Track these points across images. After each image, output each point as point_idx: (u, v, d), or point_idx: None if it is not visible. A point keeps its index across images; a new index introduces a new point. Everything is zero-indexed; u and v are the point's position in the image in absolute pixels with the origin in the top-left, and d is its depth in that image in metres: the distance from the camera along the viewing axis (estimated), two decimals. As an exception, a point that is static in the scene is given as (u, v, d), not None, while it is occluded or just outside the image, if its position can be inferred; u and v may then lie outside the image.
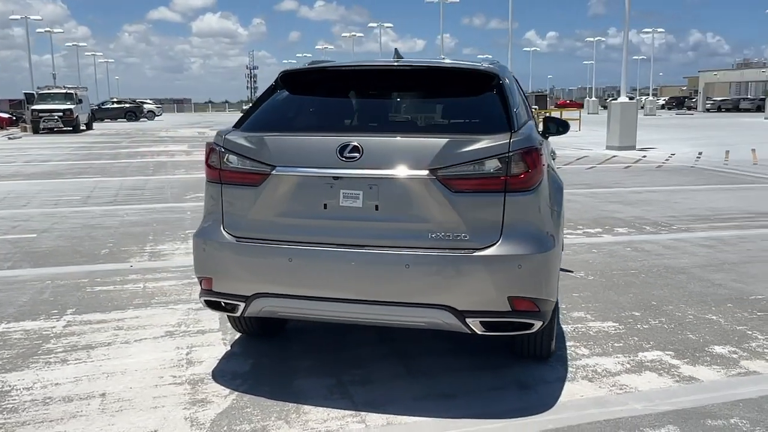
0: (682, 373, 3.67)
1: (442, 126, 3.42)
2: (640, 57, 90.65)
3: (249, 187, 3.26)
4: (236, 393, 3.41)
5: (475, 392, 3.43)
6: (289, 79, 3.69)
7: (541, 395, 3.40)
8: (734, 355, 3.93)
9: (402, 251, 3.03)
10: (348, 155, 3.05)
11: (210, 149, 3.39)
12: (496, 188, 3.00)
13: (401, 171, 3.02)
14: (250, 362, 3.81)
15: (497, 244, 3.00)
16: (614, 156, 17.60)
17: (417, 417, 3.16)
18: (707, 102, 69.41)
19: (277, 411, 3.21)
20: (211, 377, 3.61)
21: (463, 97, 3.46)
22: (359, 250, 3.07)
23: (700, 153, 17.95)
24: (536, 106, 32.42)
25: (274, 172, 3.17)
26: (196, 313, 4.68)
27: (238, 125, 3.49)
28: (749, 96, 68.86)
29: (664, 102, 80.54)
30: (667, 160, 16.47)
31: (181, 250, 6.69)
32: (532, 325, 3.09)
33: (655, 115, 53.95)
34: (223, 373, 3.65)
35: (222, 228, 3.33)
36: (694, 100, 78.44)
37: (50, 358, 3.90)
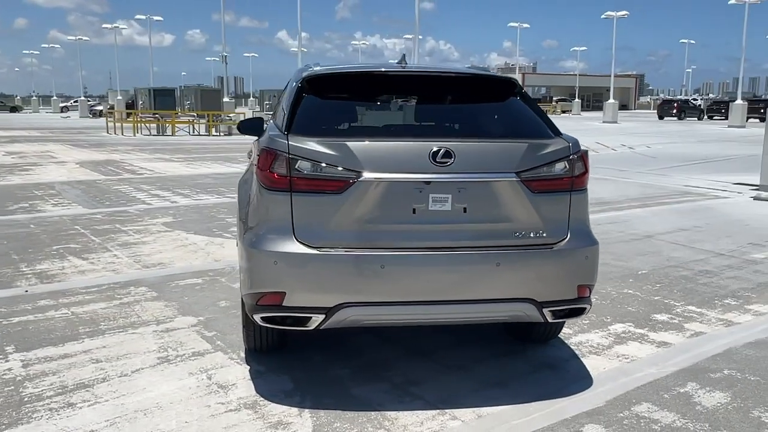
0: (654, 340, 4.33)
1: (503, 130, 3.58)
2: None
3: (329, 194, 3.14)
4: (307, 410, 3.28)
5: (518, 378, 3.71)
6: (323, 83, 3.60)
7: (572, 373, 3.79)
8: (675, 321, 4.71)
9: (491, 251, 3.19)
10: (440, 160, 3.12)
11: (272, 155, 3.19)
12: (565, 188, 3.32)
13: (490, 174, 3.18)
14: (286, 378, 3.65)
15: (567, 239, 3.32)
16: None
17: (492, 407, 3.35)
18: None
19: (365, 421, 3.18)
20: (264, 398, 3.40)
21: (499, 102, 3.68)
22: (451, 252, 3.17)
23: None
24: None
25: (360, 178, 3.11)
26: (168, 335, 4.28)
27: (287, 130, 3.31)
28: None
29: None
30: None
31: (71, 268, 5.92)
32: (585, 309, 3.46)
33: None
34: (272, 393, 3.46)
35: (294, 238, 3.17)
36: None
37: (49, 404, 3.33)
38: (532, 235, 3.26)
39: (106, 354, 3.96)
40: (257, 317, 3.30)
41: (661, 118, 50.95)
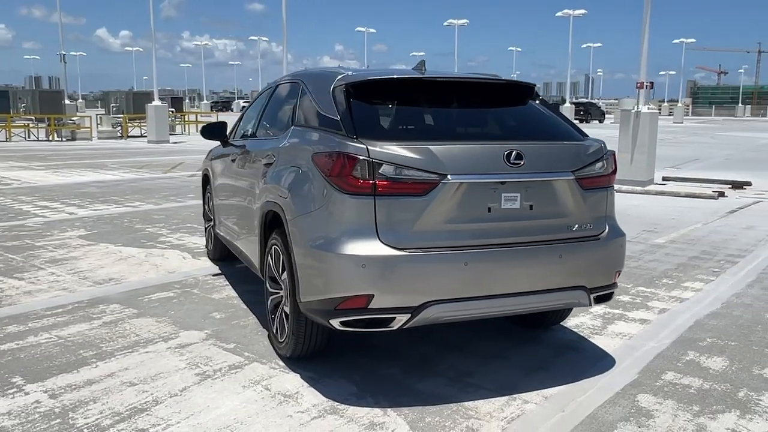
0: (634, 318, 4.87)
1: (549, 132, 3.81)
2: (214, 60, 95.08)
3: (413, 197, 3.23)
4: (389, 409, 3.35)
5: (552, 361, 4.03)
6: (369, 89, 3.66)
7: (592, 353, 4.19)
8: (637, 300, 5.31)
9: (554, 244, 3.47)
10: (513, 161, 3.34)
11: (352, 160, 3.21)
12: (604, 185, 3.68)
13: (552, 173, 3.46)
14: (344, 381, 3.67)
15: (606, 230, 3.69)
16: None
17: (550, 389, 3.62)
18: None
19: (451, 412, 3.31)
20: (339, 403, 3.41)
21: (530, 106, 3.95)
22: (521, 247, 3.40)
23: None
24: (173, 109, 31.75)
25: (444, 180, 3.24)
26: (187, 351, 4.09)
27: (353, 134, 3.34)
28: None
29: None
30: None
31: (12, 290, 5.37)
32: (614, 292, 3.86)
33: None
34: (343, 397, 3.47)
35: (379, 241, 3.22)
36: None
37: (125, 427, 3.10)
38: (583, 228, 3.58)
39: (136, 376, 3.71)
40: (335, 322, 3.31)
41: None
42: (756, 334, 4.53)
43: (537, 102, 4.00)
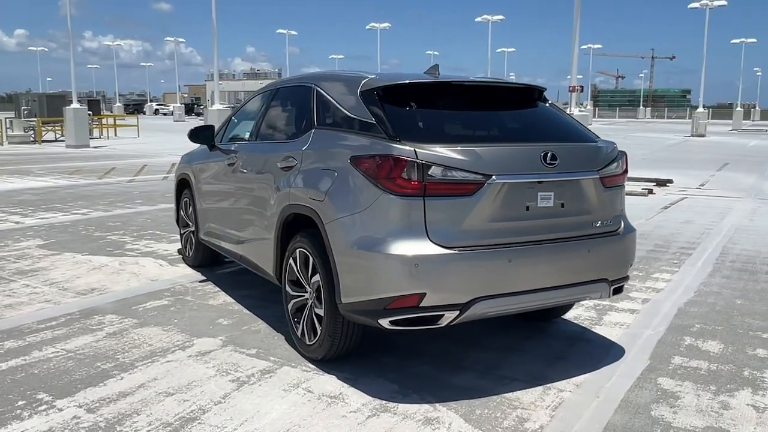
0: (623, 308, 5.18)
1: (569, 134, 3.98)
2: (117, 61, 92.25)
3: (461, 197, 3.34)
4: (437, 404, 3.43)
5: (567, 352, 4.25)
6: (401, 92, 3.74)
7: (600, 342, 4.44)
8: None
9: (582, 240, 3.67)
10: (550, 162, 3.51)
11: (402, 162, 3.28)
12: (619, 183, 3.92)
13: (580, 173, 3.65)
14: (382, 380, 3.72)
15: (622, 225, 3.93)
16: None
17: (577, 377, 3.81)
18: (217, 108, 75.87)
19: (498, 404, 3.44)
20: (388, 401, 3.46)
21: (543, 108, 4.13)
22: (556, 243, 3.58)
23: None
24: (90, 112, 30.38)
25: (489, 181, 3.36)
26: (211, 358, 4.03)
27: (399, 137, 3.41)
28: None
29: (173, 108, 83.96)
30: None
31: (-5, 304, 5.08)
32: (625, 285, 4.11)
33: (184, 121, 56.08)
34: (389, 395, 3.53)
35: (429, 241, 3.31)
36: (202, 106, 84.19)
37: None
38: (605, 224, 3.80)
39: (169, 385, 3.63)
40: (384, 321, 3.37)
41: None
42: (735, 319, 4.92)
43: (548, 104, 4.20)
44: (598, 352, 4.22)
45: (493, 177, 3.37)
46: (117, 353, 4.09)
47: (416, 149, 3.31)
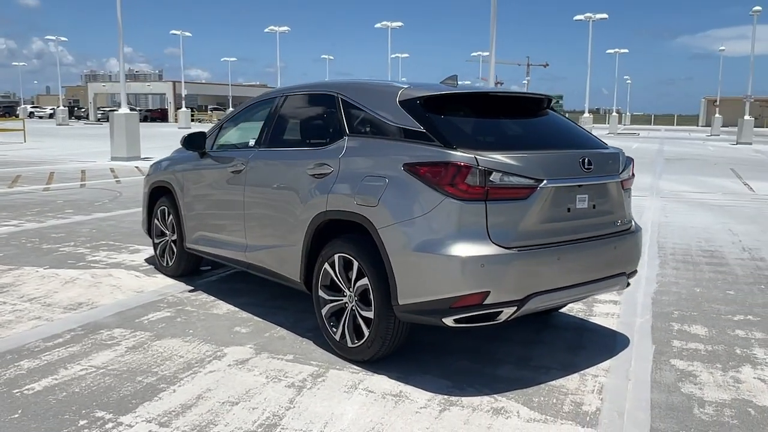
0: (606, 300, 5.63)
1: (588, 140, 4.30)
2: None
3: (517, 200, 3.58)
4: (495, 395, 3.65)
5: (583, 341, 4.60)
6: (440, 102, 3.93)
7: (603, 332, 4.83)
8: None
9: (609, 237, 4.03)
10: (587, 167, 3.83)
11: (466, 169, 3.47)
12: (630, 186, 4.33)
13: (608, 177, 4.01)
14: (430, 376, 3.88)
15: (632, 224, 4.34)
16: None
17: (602, 363, 4.16)
18: (98, 111, 72.20)
19: (548, 391, 3.71)
20: (449, 396, 3.64)
21: (552, 116, 4.45)
22: (591, 241, 3.91)
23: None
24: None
25: (541, 185, 3.63)
26: (253, 365, 4.03)
27: (455, 145, 3.60)
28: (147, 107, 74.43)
29: (52, 110, 79.00)
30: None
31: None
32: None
33: (68, 125, 52.87)
34: (447, 389, 3.71)
35: (491, 242, 3.52)
36: (84, 109, 79.71)
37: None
38: (623, 223, 4.19)
39: (228, 394, 3.62)
40: (448, 320, 3.55)
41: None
42: (704, 306, 5.50)
43: (553, 110, 4.54)
44: (607, 340, 4.60)
45: (545, 181, 3.64)
46: (152, 367, 3.99)
47: (476, 156, 3.51)
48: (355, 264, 3.94)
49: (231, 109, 68.86)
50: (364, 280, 3.89)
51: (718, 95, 60.08)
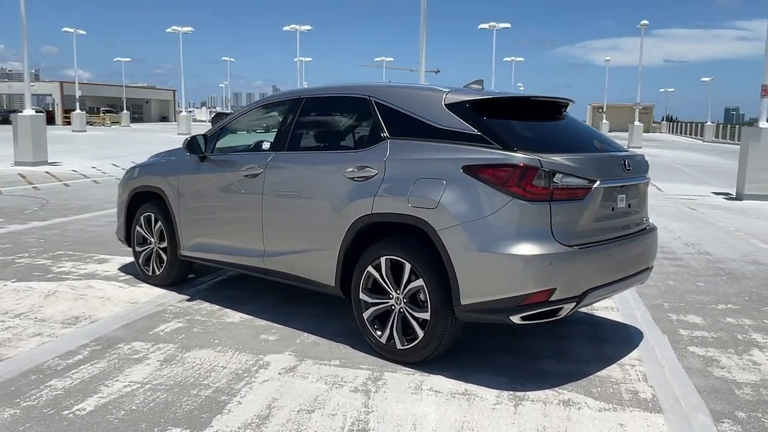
0: (596, 295, 5.95)
1: (612, 143, 4.52)
2: None
3: (575, 201, 3.74)
4: (557, 388, 3.79)
5: (601, 335, 4.84)
6: (488, 106, 4.04)
7: (615, 325, 5.11)
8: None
9: (640, 235, 4.28)
10: (627, 168, 4.06)
11: (533, 170, 3.59)
12: (648, 187, 4.62)
13: (640, 177, 4.26)
14: (485, 374, 3.97)
15: (650, 222, 4.63)
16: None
17: (632, 353, 4.41)
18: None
19: (596, 383, 3.90)
20: (516, 392, 3.74)
21: (574, 119, 4.67)
22: (629, 238, 4.14)
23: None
24: None
25: (595, 186, 3.81)
26: (304, 372, 3.96)
27: (515, 147, 3.72)
28: None
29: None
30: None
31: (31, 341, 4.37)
32: None
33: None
34: (508, 385, 3.80)
35: (555, 241, 3.66)
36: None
37: None
38: (646, 221, 4.47)
39: (297, 402, 3.54)
40: (515, 317, 3.65)
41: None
42: (686, 297, 5.92)
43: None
44: (621, 332, 4.88)
45: (598, 182, 3.82)
46: (199, 379, 3.83)
47: (540, 158, 3.64)
48: (407, 266, 3.96)
49: (125, 111, 65.78)
50: (418, 282, 3.92)
51: (605, 102, 64.25)
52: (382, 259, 4.08)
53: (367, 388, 3.73)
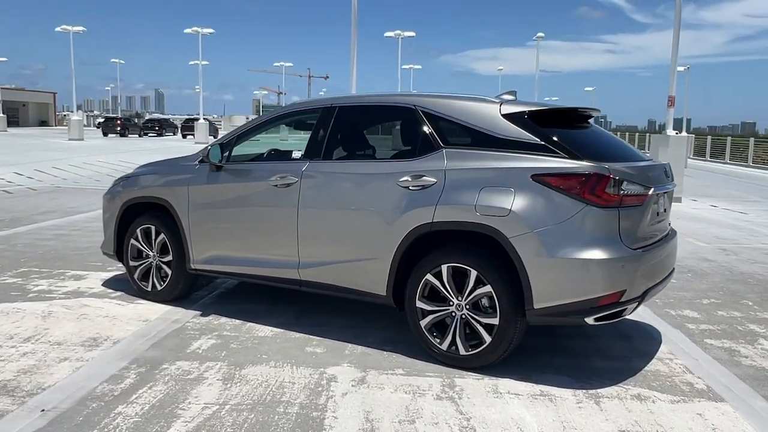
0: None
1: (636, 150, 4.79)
2: None
3: (637, 207, 3.97)
4: (623, 384, 4.00)
5: (624, 332, 5.12)
6: (542, 116, 4.20)
7: (630, 322, 5.43)
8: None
9: (670, 239, 4.59)
10: (667, 175, 4.35)
11: (605, 179, 3.77)
12: None
13: (672, 184, 4.56)
14: (549, 375, 4.12)
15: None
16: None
17: (662, 349, 4.74)
18: None
19: (653, 377, 4.15)
20: (586, 390, 3.91)
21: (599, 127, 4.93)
22: (665, 240, 4.43)
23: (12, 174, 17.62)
24: None
25: (651, 192, 4.06)
26: (380, 383, 3.94)
27: (581, 156, 3.91)
28: None
29: None
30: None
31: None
32: None
33: None
34: (577, 385, 3.97)
35: (623, 245, 3.87)
36: None
37: None
38: (670, 224, 4.80)
39: (392, 415, 3.52)
40: (589, 319, 3.83)
41: (105, 134, 51.53)
42: (669, 294, 6.34)
43: None
44: (639, 328, 5.19)
45: (652, 189, 4.08)
46: (276, 396, 3.72)
47: (609, 166, 3.85)
48: (472, 273, 4.03)
49: (2, 114, 60.74)
50: (485, 288, 4.00)
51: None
52: (444, 267, 4.13)
53: (449, 395, 3.77)
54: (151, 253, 5.60)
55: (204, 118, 42.12)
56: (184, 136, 50.17)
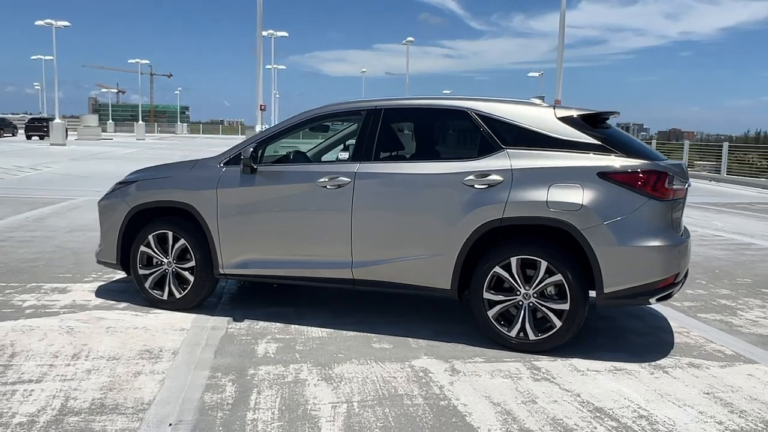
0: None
1: None
2: None
3: (679, 200, 4.52)
4: (670, 358, 4.56)
5: (634, 312, 5.74)
6: (588, 119, 4.64)
7: (644, 309, 6.08)
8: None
9: (684, 232, 5.21)
10: (686, 172, 4.96)
11: (664, 175, 4.27)
12: None
13: (687, 182, 5.18)
14: (600, 351, 4.58)
15: None
16: None
17: (673, 324, 5.40)
18: None
19: (685, 352, 4.76)
20: (644, 362, 4.40)
21: None
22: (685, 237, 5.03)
23: None
24: None
25: (686, 186, 4.62)
26: (480, 370, 4.17)
27: (637, 155, 4.39)
28: None
29: None
30: None
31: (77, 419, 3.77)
32: None
33: None
34: (634, 358, 4.46)
35: (676, 234, 4.41)
36: None
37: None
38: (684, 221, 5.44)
39: (512, 398, 3.77)
40: (653, 299, 4.34)
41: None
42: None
43: None
44: (642, 308, 5.79)
45: (687, 183, 4.67)
46: (392, 391, 3.83)
47: (662, 164, 4.37)
48: (542, 264, 4.38)
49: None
50: (555, 277, 4.37)
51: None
52: (513, 259, 4.44)
53: (543, 376, 4.08)
54: (165, 260, 5.38)
55: (61, 118, 38.86)
56: (28, 137, 45.58)
